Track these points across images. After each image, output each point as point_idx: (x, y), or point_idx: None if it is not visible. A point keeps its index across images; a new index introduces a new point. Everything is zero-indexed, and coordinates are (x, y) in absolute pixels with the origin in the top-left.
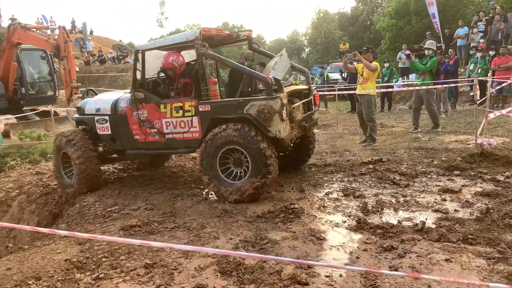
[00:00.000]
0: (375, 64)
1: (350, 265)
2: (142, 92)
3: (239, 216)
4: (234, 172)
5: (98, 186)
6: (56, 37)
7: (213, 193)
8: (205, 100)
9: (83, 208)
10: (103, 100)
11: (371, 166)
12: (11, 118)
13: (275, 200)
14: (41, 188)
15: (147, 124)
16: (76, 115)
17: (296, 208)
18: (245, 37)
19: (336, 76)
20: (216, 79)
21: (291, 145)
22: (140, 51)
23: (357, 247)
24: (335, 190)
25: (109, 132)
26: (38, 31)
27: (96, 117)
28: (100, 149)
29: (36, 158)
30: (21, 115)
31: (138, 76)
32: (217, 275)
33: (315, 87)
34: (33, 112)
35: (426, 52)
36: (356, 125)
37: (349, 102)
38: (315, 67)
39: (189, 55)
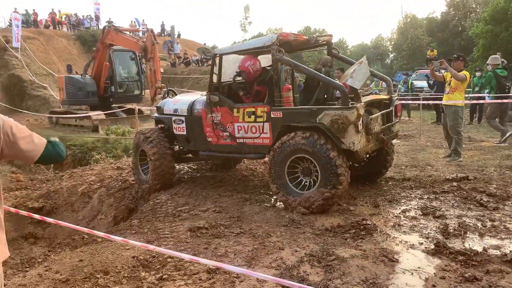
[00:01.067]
0: (464, 73)
1: None
2: (217, 95)
3: (306, 228)
4: (303, 182)
5: (171, 183)
6: (145, 39)
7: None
8: (277, 106)
9: (156, 205)
10: (181, 101)
11: (455, 183)
12: (100, 114)
13: (346, 213)
14: (120, 183)
15: (220, 127)
16: (156, 114)
17: (369, 224)
18: (325, 42)
19: (421, 83)
20: (291, 86)
21: (367, 157)
22: (218, 55)
23: (434, 273)
24: (413, 208)
25: (184, 133)
26: (129, 33)
27: (173, 117)
28: (176, 148)
29: (119, 153)
30: (109, 111)
31: (215, 79)
32: None
33: (397, 96)
34: (120, 110)
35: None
36: (441, 137)
37: (434, 112)
38: (399, 74)
39: (266, 60)
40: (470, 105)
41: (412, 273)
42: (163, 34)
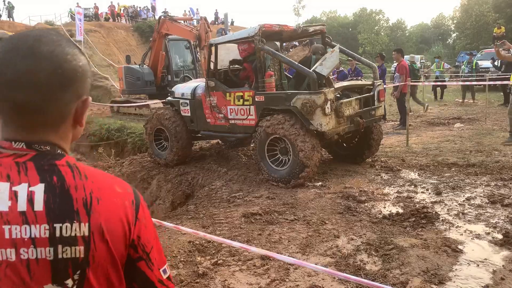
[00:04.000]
0: None
1: (493, 287)
2: (213, 81)
3: (363, 215)
4: (280, 159)
5: (187, 158)
6: (198, 28)
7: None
8: (260, 91)
9: (211, 191)
10: (187, 86)
11: None
12: (158, 103)
13: (406, 201)
14: (177, 169)
15: (216, 110)
16: (169, 98)
17: (430, 212)
18: (318, 31)
19: (487, 64)
20: (273, 72)
21: (355, 138)
22: (213, 45)
23: (503, 265)
24: (479, 196)
25: (189, 114)
26: (183, 22)
27: (181, 100)
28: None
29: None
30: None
31: (212, 66)
32: (333, 278)
33: (380, 82)
34: None
35: None
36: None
37: (501, 93)
38: (462, 54)
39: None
40: None
41: (478, 265)
42: (216, 22)
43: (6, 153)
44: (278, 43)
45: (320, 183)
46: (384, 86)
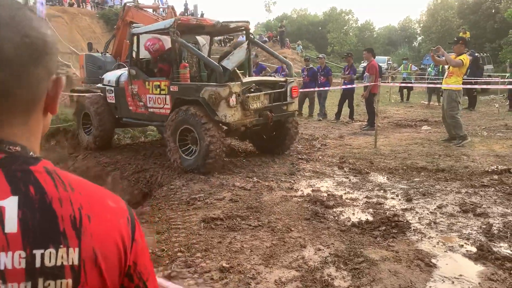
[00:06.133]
0: (461, 58)
1: None
2: (135, 69)
3: (331, 222)
4: (191, 149)
5: (109, 145)
6: (165, 17)
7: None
8: (175, 82)
9: (170, 191)
10: (113, 74)
11: (496, 177)
12: None
13: (375, 207)
14: (134, 166)
15: (137, 98)
16: (99, 85)
17: (401, 221)
18: (243, 28)
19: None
20: (187, 64)
21: (274, 131)
22: (135, 34)
23: (479, 283)
24: (450, 203)
25: (114, 101)
26: (150, 11)
27: (107, 87)
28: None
29: (136, 134)
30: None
31: (134, 55)
32: None
33: (293, 80)
34: None
35: None
36: (474, 125)
37: (466, 97)
38: (428, 57)
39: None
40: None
41: (453, 282)
42: (186, 14)
43: None
44: (204, 37)
45: (287, 184)
46: (354, 86)
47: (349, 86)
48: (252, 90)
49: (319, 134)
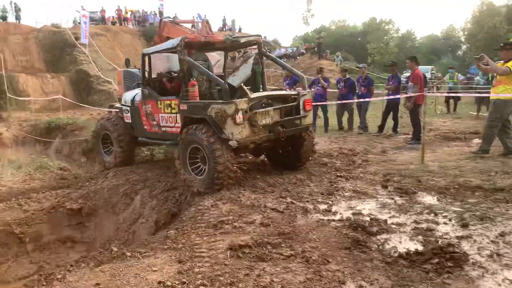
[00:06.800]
0: (508, 66)
1: None
2: (147, 89)
3: (374, 253)
4: (201, 167)
5: (132, 161)
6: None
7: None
8: (184, 100)
9: (198, 212)
10: (129, 93)
11: None
12: None
13: (425, 234)
14: (164, 184)
15: (151, 117)
16: (118, 104)
17: (457, 252)
18: (254, 42)
19: None
20: (196, 82)
21: (290, 146)
22: (146, 54)
23: None
24: None
25: (130, 121)
26: (185, 25)
27: (123, 107)
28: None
29: (168, 149)
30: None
31: (146, 75)
32: None
33: (306, 92)
34: None
35: None
36: None
37: None
38: (474, 66)
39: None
40: None
41: None
42: (224, 29)
43: None
44: (217, 53)
45: (324, 206)
46: (399, 96)
47: (393, 97)
48: (264, 104)
49: (359, 148)
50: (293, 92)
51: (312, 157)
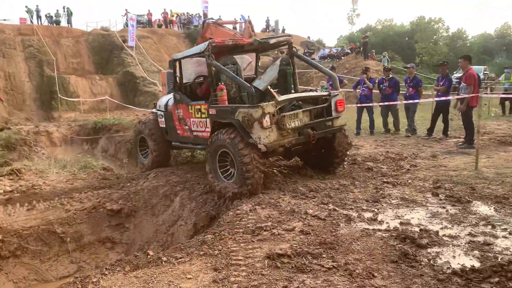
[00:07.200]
0: None
1: None
2: (179, 94)
3: (425, 268)
4: (230, 171)
5: (167, 165)
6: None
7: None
8: (213, 104)
9: (236, 217)
10: (163, 99)
11: None
12: None
13: (482, 249)
14: (203, 186)
15: (183, 122)
16: (153, 110)
17: None
18: (284, 42)
19: None
20: (224, 86)
21: (323, 148)
22: (176, 60)
23: None
24: None
25: (164, 126)
26: (228, 26)
27: (158, 112)
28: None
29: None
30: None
31: (178, 80)
32: None
33: (338, 93)
34: None
35: None
36: None
37: None
38: None
39: (241, 60)
40: None
41: None
42: (267, 30)
43: None
44: (250, 55)
45: (369, 214)
46: (449, 98)
47: (443, 98)
48: (294, 106)
49: (407, 153)
50: (324, 93)
51: (346, 159)
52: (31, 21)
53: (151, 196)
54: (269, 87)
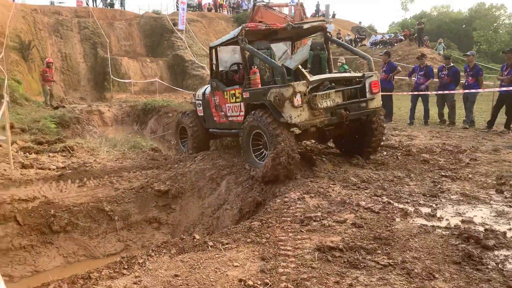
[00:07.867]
0: None
1: None
2: (215, 81)
3: (492, 272)
4: (264, 153)
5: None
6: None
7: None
8: (247, 88)
9: (283, 204)
10: (201, 88)
11: None
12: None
13: None
14: (249, 171)
15: (219, 108)
16: (193, 100)
17: None
18: (319, 27)
19: None
20: (257, 69)
21: (358, 132)
22: (213, 48)
23: None
24: None
25: (202, 114)
26: (278, 9)
27: (196, 101)
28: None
29: None
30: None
31: (214, 68)
32: None
33: (372, 74)
34: None
35: None
36: None
37: None
38: None
39: (276, 48)
40: None
41: None
42: (317, 14)
43: None
44: (286, 43)
45: (427, 209)
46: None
47: (507, 88)
48: (330, 86)
49: (466, 145)
50: (357, 74)
51: (381, 145)
52: (87, 4)
53: (198, 178)
54: (300, 66)
